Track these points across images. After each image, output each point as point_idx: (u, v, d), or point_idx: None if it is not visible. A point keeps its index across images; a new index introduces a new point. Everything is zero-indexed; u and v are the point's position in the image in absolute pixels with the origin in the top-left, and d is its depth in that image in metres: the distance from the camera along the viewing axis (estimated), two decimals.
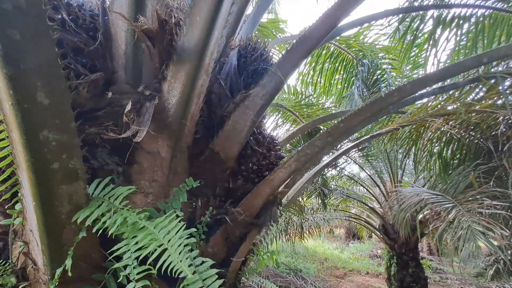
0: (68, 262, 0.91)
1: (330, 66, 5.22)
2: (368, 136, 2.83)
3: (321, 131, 4.48)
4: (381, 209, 7.82)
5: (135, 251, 0.79)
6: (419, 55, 4.26)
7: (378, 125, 4.14)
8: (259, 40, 1.75)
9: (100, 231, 0.93)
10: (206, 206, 1.56)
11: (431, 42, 3.09)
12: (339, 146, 3.54)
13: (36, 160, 0.82)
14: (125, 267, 0.90)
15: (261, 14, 2.42)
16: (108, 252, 0.88)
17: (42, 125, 0.79)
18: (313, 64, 5.06)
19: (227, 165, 1.68)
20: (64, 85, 0.79)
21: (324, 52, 4.95)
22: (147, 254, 0.77)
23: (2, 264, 1.08)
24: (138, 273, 0.76)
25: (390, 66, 4.87)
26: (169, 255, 0.78)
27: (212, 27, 1.21)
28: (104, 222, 0.89)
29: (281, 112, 5.11)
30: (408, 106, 2.95)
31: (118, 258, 1.13)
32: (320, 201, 7.56)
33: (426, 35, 3.30)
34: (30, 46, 0.69)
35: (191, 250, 1.07)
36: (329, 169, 7.48)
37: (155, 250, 0.79)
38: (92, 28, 1.24)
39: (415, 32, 3.24)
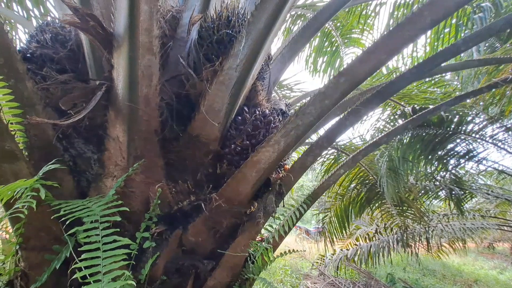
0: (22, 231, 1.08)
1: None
2: (457, 95, 1.92)
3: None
4: None
5: None
6: None
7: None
8: (231, 8, 1.56)
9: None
10: (183, 192, 1.49)
11: None
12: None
13: None
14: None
15: None
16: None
17: None
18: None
19: (209, 149, 1.55)
20: None
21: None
22: None
23: None
24: None
25: None
26: None
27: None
28: (28, 195, 1.00)
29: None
30: None
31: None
32: (452, 205, 5.75)
33: None
34: None
35: (107, 228, 1.04)
36: (461, 161, 5.58)
37: None
38: (69, 39, 1.49)
39: None
